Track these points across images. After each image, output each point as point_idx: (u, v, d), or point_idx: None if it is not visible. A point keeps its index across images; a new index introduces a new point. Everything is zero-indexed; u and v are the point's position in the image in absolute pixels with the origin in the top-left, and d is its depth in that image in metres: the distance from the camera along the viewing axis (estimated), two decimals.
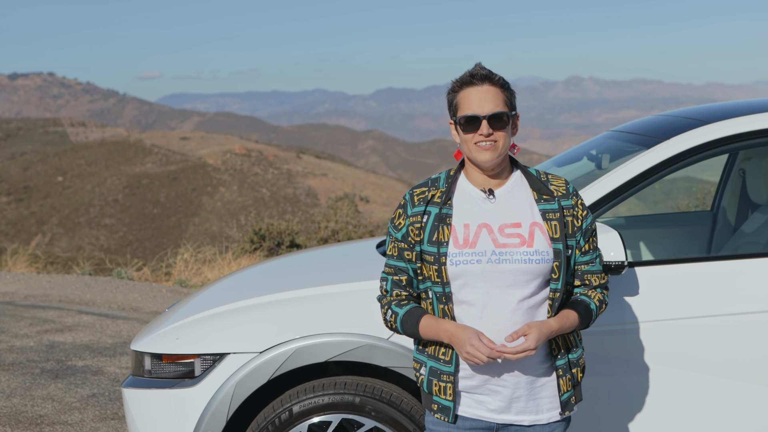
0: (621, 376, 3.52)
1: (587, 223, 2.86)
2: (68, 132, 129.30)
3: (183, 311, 3.88)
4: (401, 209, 2.87)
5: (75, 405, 5.95)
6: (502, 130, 2.75)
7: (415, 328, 2.80)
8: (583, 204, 2.87)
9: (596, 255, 2.90)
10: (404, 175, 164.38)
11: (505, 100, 2.78)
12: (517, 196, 2.82)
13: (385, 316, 2.88)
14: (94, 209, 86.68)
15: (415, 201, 2.84)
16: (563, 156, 4.69)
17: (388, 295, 2.88)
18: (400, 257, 2.86)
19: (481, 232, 2.76)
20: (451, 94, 2.83)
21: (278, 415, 3.49)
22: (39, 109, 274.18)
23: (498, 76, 2.78)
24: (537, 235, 2.76)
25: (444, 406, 2.80)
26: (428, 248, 2.78)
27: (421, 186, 2.88)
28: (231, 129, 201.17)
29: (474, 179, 2.85)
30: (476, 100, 2.75)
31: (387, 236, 2.93)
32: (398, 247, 2.86)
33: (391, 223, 2.90)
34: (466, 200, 2.83)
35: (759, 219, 4.38)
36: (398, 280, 2.86)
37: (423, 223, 2.80)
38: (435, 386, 2.81)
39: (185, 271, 12.27)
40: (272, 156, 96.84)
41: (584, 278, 2.88)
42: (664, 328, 3.51)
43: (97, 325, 8.54)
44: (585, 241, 2.85)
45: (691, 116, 3.99)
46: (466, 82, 2.78)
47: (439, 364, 2.80)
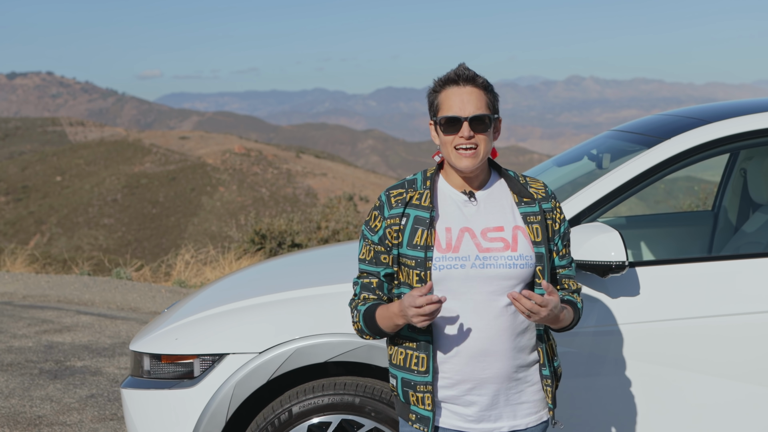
0: (621, 376, 3.51)
1: (564, 227, 2.82)
2: (67, 131, 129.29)
3: (182, 311, 3.87)
4: (377, 211, 2.79)
5: (74, 406, 5.94)
6: (483, 133, 2.69)
7: (373, 321, 2.72)
8: (561, 208, 2.84)
9: (571, 260, 2.87)
10: (404, 174, 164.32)
11: (488, 102, 2.71)
12: (497, 199, 2.78)
13: (352, 319, 2.80)
14: (92, 209, 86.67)
15: (393, 202, 2.76)
16: (564, 155, 4.68)
17: (356, 299, 2.81)
18: (373, 261, 2.78)
19: (463, 236, 2.71)
20: (432, 94, 2.77)
21: (278, 416, 3.48)
22: (37, 108, 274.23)
23: (482, 78, 2.72)
24: (520, 239, 2.71)
25: (423, 416, 2.73)
26: (409, 252, 2.71)
27: (397, 187, 2.80)
28: (230, 128, 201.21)
29: (453, 181, 2.79)
30: (458, 102, 2.69)
31: (360, 239, 2.85)
32: (374, 249, 2.78)
33: (365, 225, 2.82)
34: (446, 203, 2.77)
35: (760, 219, 4.37)
36: (368, 283, 2.79)
37: (402, 226, 2.73)
38: (412, 396, 2.74)
39: (185, 271, 12.26)
40: (272, 156, 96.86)
41: (563, 282, 2.85)
42: (665, 329, 3.49)
43: (95, 326, 8.53)
44: (563, 245, 2.82)
45: (692, 116, 3.98)
46: (449, 82, 2.72)
47: (413, 375, 2.73)
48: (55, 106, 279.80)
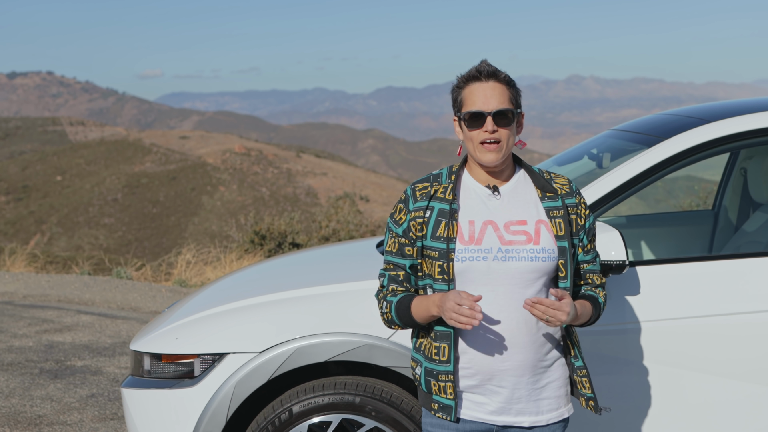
0: (622, 375, 3.51)
1: (590, 222, 2.86)
2: (67, 131, 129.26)
3: (182, 311, 3.87)
4: (402, 204, 2.84)
5: (74, 405, 5.94)
6: (506, 127, 2.73)
7: (408, 311, 2.76)
8: (586, 203, 2.87)
9: (596, 255, 2.91)
10: (404, 174, 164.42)
11: (511, 97, 2.76)
12: (521, 193, 2.81)
13: (381, 310, 2.84)
14: (93, 209, 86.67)
15: (417, 196, 2.82)
16: (564, 155, 4.68)
17: (384, 290, 2.85)
18: (398, 253, 2.83)
19: (486, 229, 2.75)
20: (456, 90, 2.81)
21: (278, 415, 3.48)
22: (38, 108, 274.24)
23: (504, 73, 2.76)
24: (543, 233, 2.75)
25: (445, 405, 2.77)
26: (432, 244, 2.75)
27: (422, 181, 2.86)
28: (230, 128, 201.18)
29: (477, 176, 2.83)
30: (481, 97, 2.73)
31: (386, 231, 2.90)
32: (398, 242, 2.83)
33: (391, 218, 2.87)
34: (470, 196, 2.81)
35: (760, 218, 4.37)
36: (395, 275, 2.83)
37: (426, 218, 2.78)
38: (434, 386, 2.78)
39: (186, 271, 12.26)
40: (272, 155, 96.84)
41: (587, 277, 2.89)
42: (666, 328, 3.50)
43: (96, 325, 8.53)
44: (588, 240, 2.86)
45: (692, 115, 3.98)
46: (472, 78, 2.76)
47: (435, 365, 2.77)
48: (56, 106, 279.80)
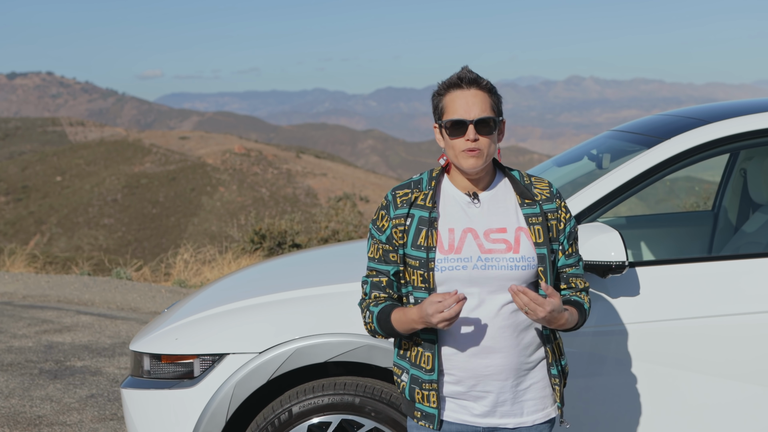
0: (621, 376, 3.51)
1: (570, 226, 2.83)
2: (67, 131, 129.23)
3: (182, 311, 3.87)
4: (384, 210, 2.81)
5: (74, 405, 5.94)
6: (488, 135, 2.70)
7: (389, 323, 2.74)
8: (567, 207, 2.84)
9: (579, 258, 2.87)
10: (404, 174, 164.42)
11: (492, 105, 2.73)
12: (501, 200, 2.79)
13: (364, 320, 2.82)
14: (92, 209, 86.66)
15: (398, 202, 2.79)
16: (564, 156, 4.68)
17: (367, 298, 2.82)
18: (381, 259, 2.80)
19: (466, 237, 2.72)
20: (436, 97, 2.78)
21: (278, 416, 3.48)
22: (37, 108, 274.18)
23: (485, 80, 2.73)
24: (523, 241, 2.73)
25: (428, 413, 2.76)
26: (413, 252, 2.73)
27: (403, 187, 2.82)
28: (230, 128, 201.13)
29: (458, 183, 2.80)
30: (463, 105, 2.70)
31: (368, 238, 2.87)
32: (382, 248, 2.80)
33: (373, 225, 2.84)
34: (450, 204, 2.79)
35: (760, 219, 4.37)
36: (378, 281, 2.80)
37: (406, 226, 2.75)
38: (417, 394, 2.77)
39: (185, 271, 12.26)
40: (272, 156, 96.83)
41: (570, 281, 2.85)
42: (665, 329, 3.50)
43: (95, 326, 8.53)
44: (569, 245, 2.82)
45: (692, 116, 3.98)
46: (453, 86, 2.73)
47: (421, 373, 2.75)
48: (55, 106, 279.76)
